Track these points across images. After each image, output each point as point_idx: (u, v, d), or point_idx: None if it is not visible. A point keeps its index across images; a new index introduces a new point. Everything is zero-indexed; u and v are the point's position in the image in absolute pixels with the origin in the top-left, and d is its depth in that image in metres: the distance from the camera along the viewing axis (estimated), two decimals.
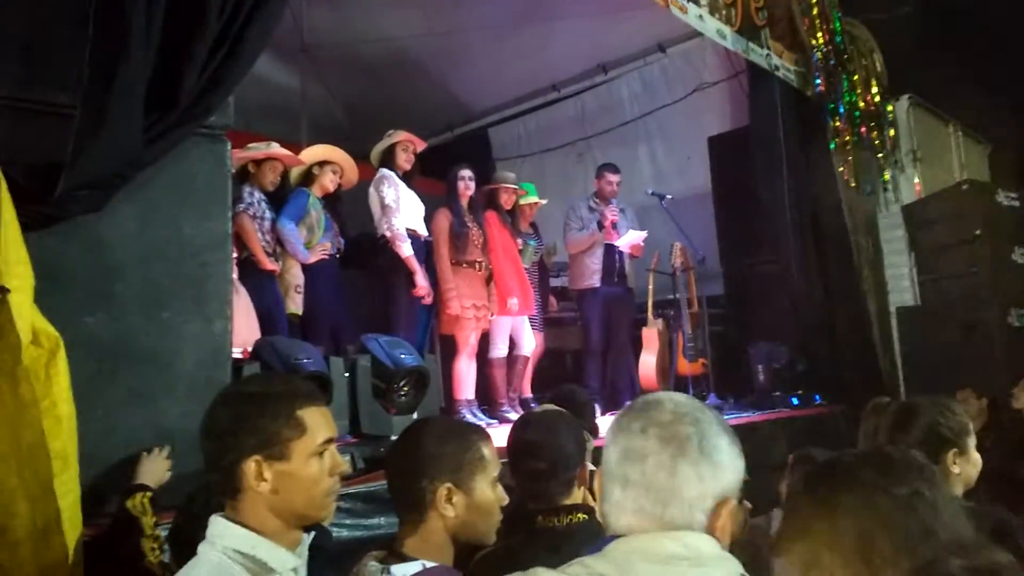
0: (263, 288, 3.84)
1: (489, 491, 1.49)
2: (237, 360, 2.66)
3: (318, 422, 1.32)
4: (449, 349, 4.56)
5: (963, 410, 1.98)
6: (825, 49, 5.86)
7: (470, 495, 1.47)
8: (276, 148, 4.22)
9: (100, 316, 2.16)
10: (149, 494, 1.94)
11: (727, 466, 1.03)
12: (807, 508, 0.97)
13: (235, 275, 3.61)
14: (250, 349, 2.93)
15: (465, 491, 1.46)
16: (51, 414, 1.58)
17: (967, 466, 1.86)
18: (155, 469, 2.08)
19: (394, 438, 2.82)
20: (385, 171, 4.32)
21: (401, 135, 4.44)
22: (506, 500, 1.53)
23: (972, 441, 1.90)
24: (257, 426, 1.27)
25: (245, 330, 3.35)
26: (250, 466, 1.25)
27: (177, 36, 2.22)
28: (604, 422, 3.01)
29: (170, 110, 2.20)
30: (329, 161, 4.37)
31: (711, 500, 1.01)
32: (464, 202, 4.61)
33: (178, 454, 2.19)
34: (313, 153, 4.39)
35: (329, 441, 1.33)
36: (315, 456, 1.30)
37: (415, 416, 2.92)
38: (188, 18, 2.24)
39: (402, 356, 2.85)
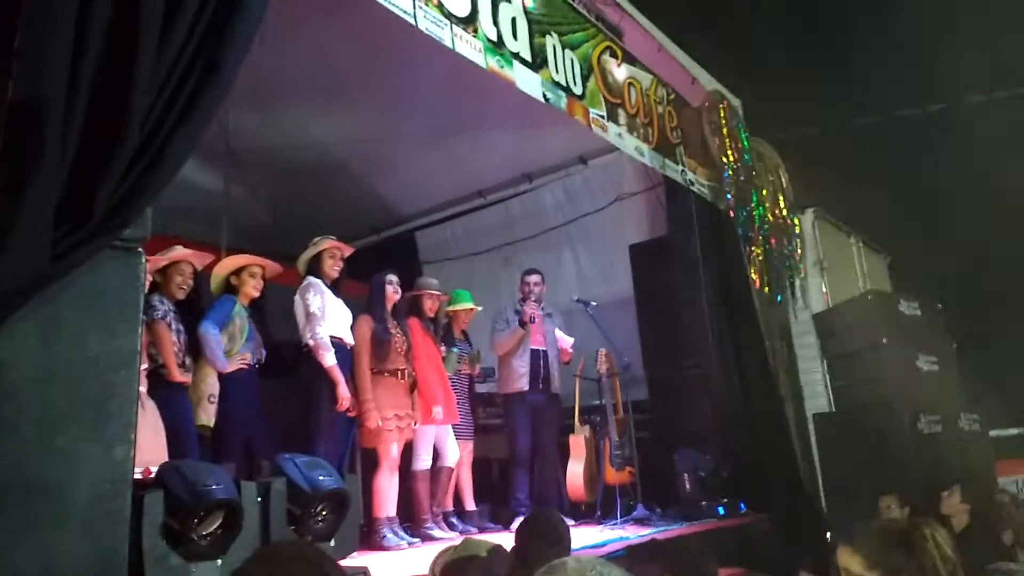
0: (172, 401, 3.62)
1: None
2: (139, 481, 2.47)
3: None
4: (371, 462, 4.38)
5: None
6: (735, 166, 6.23)
7: None
8: (179, 251, 3.99)
9: None
10: None
11: None
12: None
13: (143, 387, 3.41)
14: (153, 470, 2.73)
15: None
16: None
17: None
18: None
19: None
20: (311, 279, 4.23)
21: (327, 243, 4.37)
22: None
23: None
24: None
25: (151, 448, 3.14)
26: None
27: (96, 147, 2.15)
28: None
29: (82, 224, 2.10)
30: (245, 266, 4.25)
31: None
32: (390, 307, 4.56)
33: None
34: (226, 265, 4.23)
35: None
36: None
37: (332, 543, 2.75)
38: (109, 128, 2.18)
39: (320, 478, 2.69)
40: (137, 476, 2.50)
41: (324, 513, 2.73)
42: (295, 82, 5.33)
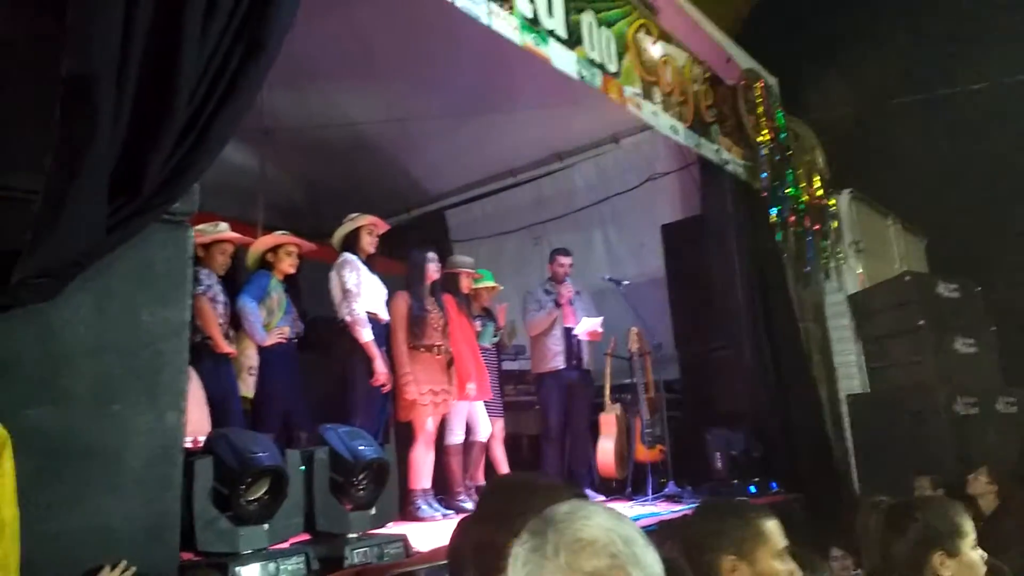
0: (218, 373, 3.74)
1: (775, 563, 1.62)
2: (188, 451, 2.55)
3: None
4: (404, 436, 4.45)
5: (960, 510, 1.99)
6: (771, 145, 6.15)
7: (754, 567, 1.60)
8: (225, 230, 4.13)
9: (46, 409, 2.05)
10: None
11: None
12: None
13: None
14: (201, 439, 2.81)
15: (749, 563, 1.60)
16: None
17: (960, 568, 1.85)
18: None
19: (352, 535, 2.72)
20: (347, 255, 4.28)
21: (367, 219, 4.42)
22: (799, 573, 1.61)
23: (967, 543, 1.89)
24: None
25: (196, 418, 3.23)
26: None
27: (145, 123, 2.21)
28: None
29: (134, 197, 2.16)
30: (282, 244, 4.33)
31: None
32: (428, 285, 4.60)
33: (122, 556, 2.07)
34: (263, 242, 4.33)
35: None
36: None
37: (373, 512, 2.81)
38: (157, 105, 2.23)
39: (361, 448, 2.75)
40: (186, 446, 2.59)
41: (365, 482, 2.80)
42: (328, 61, 5.36)
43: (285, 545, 2.59)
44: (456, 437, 4.64)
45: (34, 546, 1.82)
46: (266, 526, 2.44)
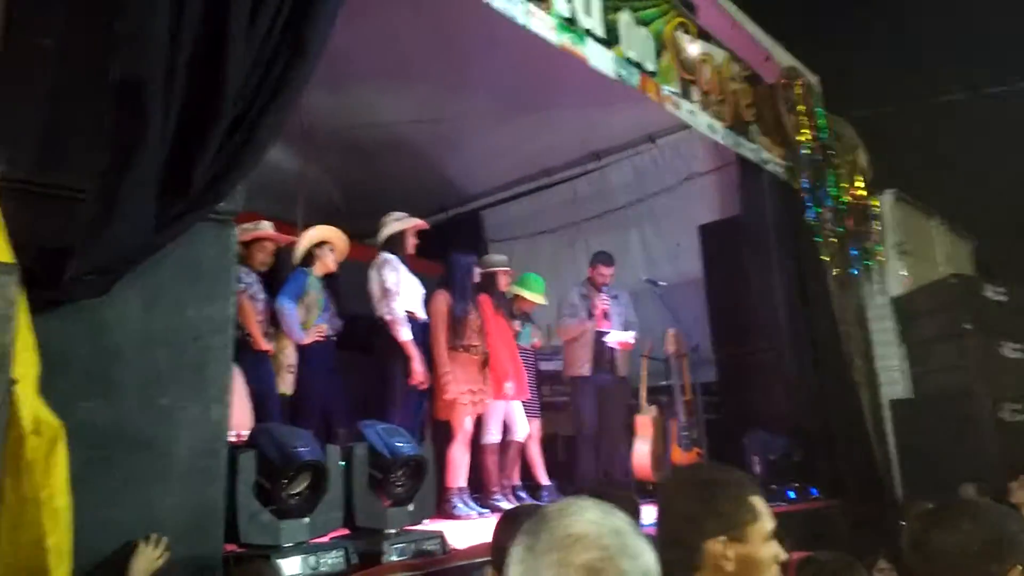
0: (257, 368, 3.80)
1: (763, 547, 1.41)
2: (232, 444, 2.60)
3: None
4: (441, 434, 4.48)
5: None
6: (811, 145, 6.06)
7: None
8: (266, 228, 4.21)
9: (97, 401, 2.11)
10: None
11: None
12: None
13: None
14: (244, 433, 2.87)
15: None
16: (49, 507, 1.53)
17: None
18: (148, 559, 2.00)
19: (390, 531, 2.74)
20: (387, 255, 4.32)
21: (413, 221, 4.47)
22: (784, 557, 1.43)
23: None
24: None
25: (238, 413, 3.29)
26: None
27: (193, 124, 2.26)
28: None
29: (182, 196, 2.21)
30: (327, 240, 4.39)
31: None
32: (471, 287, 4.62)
33: (169, 543, 2.12)
34: (310, 236, 4.40)
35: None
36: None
37: (410, 508, 2.83)
38: (205, 107, 2.28)
39: (399, 445, 2.78)
40: (230, 439, 2.64)
41: (403, 478, 2.83)
42: (365, 62, 5.40)
43: (325, 539, 2.63)
44: (493, 436, 4.64)
45: (86, 534, 1.87)
46: (307, 520, 2.48)
